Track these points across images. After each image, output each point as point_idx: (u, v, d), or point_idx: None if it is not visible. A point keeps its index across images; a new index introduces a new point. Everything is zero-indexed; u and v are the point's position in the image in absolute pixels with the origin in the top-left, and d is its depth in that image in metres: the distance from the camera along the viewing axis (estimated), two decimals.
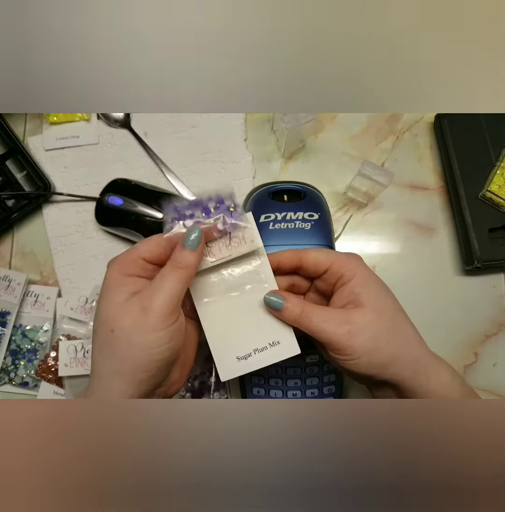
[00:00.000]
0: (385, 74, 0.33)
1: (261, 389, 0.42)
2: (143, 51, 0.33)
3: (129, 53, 0.33)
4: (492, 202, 0.49)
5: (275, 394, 0.42)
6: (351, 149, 0.54)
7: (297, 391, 0.42)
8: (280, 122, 0.47)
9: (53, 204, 0.53)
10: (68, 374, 0.46)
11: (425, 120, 0.55)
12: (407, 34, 0.32)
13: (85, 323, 0.49)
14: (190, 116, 0.54)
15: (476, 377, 0.49)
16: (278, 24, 0.32)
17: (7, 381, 0.49)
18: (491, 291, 0.51)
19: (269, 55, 0.33)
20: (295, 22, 0.32)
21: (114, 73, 0.33)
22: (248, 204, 0.44)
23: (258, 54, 0.33)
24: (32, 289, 0.51)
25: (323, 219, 0.42)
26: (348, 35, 0.32)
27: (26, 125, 0.55)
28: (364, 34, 0.32)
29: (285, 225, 0.41)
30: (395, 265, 0.52)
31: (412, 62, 0.33)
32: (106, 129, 0.55)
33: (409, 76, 0.34)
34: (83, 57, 0.33)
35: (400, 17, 0.32)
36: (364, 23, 0.32)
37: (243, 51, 0.33)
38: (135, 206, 0.48)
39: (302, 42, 0.33)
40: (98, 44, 0.32)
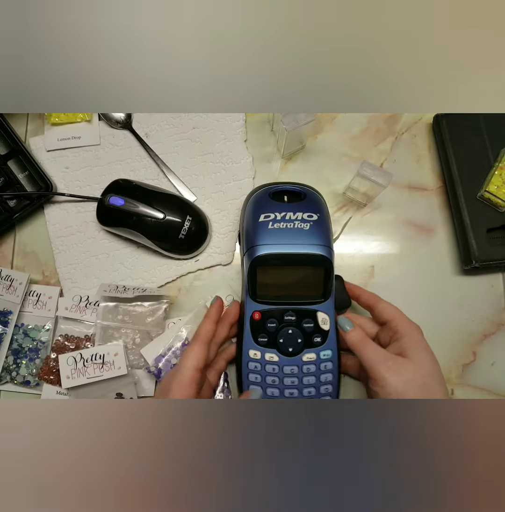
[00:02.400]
0: (385, 74, 0.34)
1: (257, 387, 0.43)
2: (144, 52, 0.33)
3: (130, 54, 0.33)
4: (490, 203, 0.49)
5: (272, 393, 0.43)
6: (350, 150, 0.55)
7: (294, 389, 0.42)
8: (280, 123, 0.47)
9: (55, 205, 0.53)
10: (71, 385, 0.47)
11: (424, 121, 0.55)
12: (406, 34, 0.33)
13: (81, 322, 0.50)
14: (191, 117, 0.55)
15: (474, 376, 0.49)
16: (278, 25, 0.32)
17: (9, 380, 0.49)
18: (489, 291, 0.51)
19: (268, 55, 0.33)
20: (294, 22, 0.32)
21: (115, 73, 0.33)
22: (249, 204, 0.44)
23: (258, 54, 0.33)
24: (33, 289, 0.51)
25: (322, 220, 0.42)
26: (347, 35, 0.33)
27: (28, 126, 0.56)
28: (363, 35, 0.33)
29: (284, 224, 0.41)
30: (393, 265, 0.52)
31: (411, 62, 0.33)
32: (107, 130, 0.55)
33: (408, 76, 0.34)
34: (84, 57, 0.33)
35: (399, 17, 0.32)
36: (363, 24, 0.32)
37: (243, 51, 0.33)
38: (136, 207, 0.49)
39: (302, 42, 0.33)
40: (100, 44, 0.32)
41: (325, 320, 0.42)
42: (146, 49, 0.33)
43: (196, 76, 0.34)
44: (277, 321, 0.42)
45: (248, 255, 0.41)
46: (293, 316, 0.42)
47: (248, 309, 0.42)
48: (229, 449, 0.28)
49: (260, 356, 0.42)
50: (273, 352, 0.42)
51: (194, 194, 0.53)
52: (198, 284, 0.52)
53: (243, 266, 0.42)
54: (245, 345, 0.43)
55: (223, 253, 0.52)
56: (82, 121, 0.55)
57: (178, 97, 0.34)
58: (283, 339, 0.42)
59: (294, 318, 0.42)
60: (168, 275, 0.51)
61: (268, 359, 0.42)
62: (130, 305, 0.49)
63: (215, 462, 0.28)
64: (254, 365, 0.42)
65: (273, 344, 0.42)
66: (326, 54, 0.33)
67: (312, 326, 0.42)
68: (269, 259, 0.40)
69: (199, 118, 0.55)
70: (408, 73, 0.34)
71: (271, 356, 0.42)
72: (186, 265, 0.52)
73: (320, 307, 0.42)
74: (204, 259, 0.52)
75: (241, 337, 0.43)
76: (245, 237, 0.42)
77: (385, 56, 0.33)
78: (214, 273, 0.52)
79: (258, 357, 0.42)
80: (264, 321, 0.42)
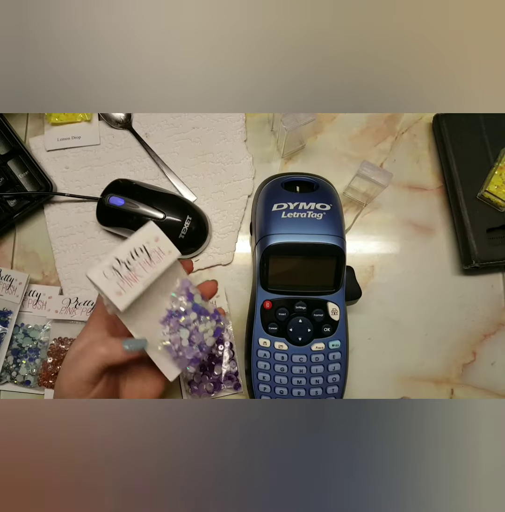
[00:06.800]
0: (384, 74, 0.34)
1: (266, 374, 0.43)
2: (144, 52, 0.33)
3: (130, 54, 0.33)
4: (490, 203, 0.49)
5: (280, 380, 0.43)
6: (350, 149, 0.55)
7: (302, 378, 0.43)
8: (280, 123, 0.47)
9: (55, 204, 0.53)
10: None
11: (424, 121, 0.55)
12: (406, 34, 0.33)
13: (74, 322, 0.50)
14: (191, 117, 0.55)
15: (474, 376, 0.49)
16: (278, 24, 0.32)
17: (9, 380, 0.49)
18: (489, 291, 0.51)
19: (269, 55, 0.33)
20: (294, 22, 0.32)
21: (115, 73, 0.33)
22: (262, 194, 0.45)
23: (258, 54, 0.33)
24: (33, 289, 0.51)
25: (335, 210, 0.42)
26: (347, 35, 0.33)
27: (28, 126, 0.56)
28: (363, 35, 0.33)
29: (297, 214, 0.42)
30: (393, 265, 0.52)
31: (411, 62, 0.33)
32: (107, 130, 0.55)
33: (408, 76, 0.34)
34: (84, 57, 0.33)
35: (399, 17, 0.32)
36: (363, 24, 0.32)
37: (243, 51, 0.33)
38: (136, 207, 0.49)
39: (302, 42, 0.33)
40: (100, 44, 0.32)
41: (335, 310, 0.42)
42: (146, 49, 0.33)
43: (196, 75, 0.34)
44: (287, 310, 0.42)
45: (260, 244, 0.42)
46: (303, 305, 0.42)
47: (259, 298, 0.43)
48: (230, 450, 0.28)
49: (269, 344, 0.43)
50: (282, 340, 0.42)
51: (194, 194, 0.53)
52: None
53: (255, 256, 0.43)
54: (256, 333, 0.43)
55: (223, 253, 0.52)
56: (82, 121, 0.55)
57: (178, 97, 0.34)
58: (292, 328, 0.42)
59: (304, 308, 0.42)
60: None
61: (277, 347, 0.42)
62: None
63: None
64: (263, 353, 0.43)
65: (283, 333, 0.42)
66: (326, 54, 0.33)
67: (322, 316, 0.42)
68: (281, 248, 0.41)
69: (199, 118, 0.55)
70: (408, 73, 0.34)
71: (280, 344, 0.42)
72: None
73: (330, 297, 0.42)
74: (204, 259, 0.52)
75: (251, 325, 0.43)
76: (258, 227, 0.43)
77: (385, 56, 0.33)
78: (214, 273, 0.52)
79: (267, 346, 0.43)
80: (274, 310, 0.42)
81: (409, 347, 0.50)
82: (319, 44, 0.33)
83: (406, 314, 0.51)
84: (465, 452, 0.28)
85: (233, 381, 0.48)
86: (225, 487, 0.28)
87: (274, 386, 0.43)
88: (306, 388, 0.43)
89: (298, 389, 0.43)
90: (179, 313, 0.36)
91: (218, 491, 0.28)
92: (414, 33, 0.33)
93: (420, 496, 0.28)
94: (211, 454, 0.28)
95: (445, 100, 0.34)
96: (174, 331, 0.36)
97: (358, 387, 0.49)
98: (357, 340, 0.50)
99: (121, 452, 0.28)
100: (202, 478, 0.28)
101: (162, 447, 0.28)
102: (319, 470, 0.28)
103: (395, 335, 0.50)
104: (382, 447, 0.29)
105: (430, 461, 0.28)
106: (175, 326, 0.36)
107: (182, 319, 0.36)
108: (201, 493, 0.28)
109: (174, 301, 0.36)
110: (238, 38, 0.33)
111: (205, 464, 0.28)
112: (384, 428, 0.29)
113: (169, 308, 0.36)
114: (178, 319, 0.36)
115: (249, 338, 0.44)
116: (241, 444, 0.28)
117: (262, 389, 0.43)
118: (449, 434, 0.29)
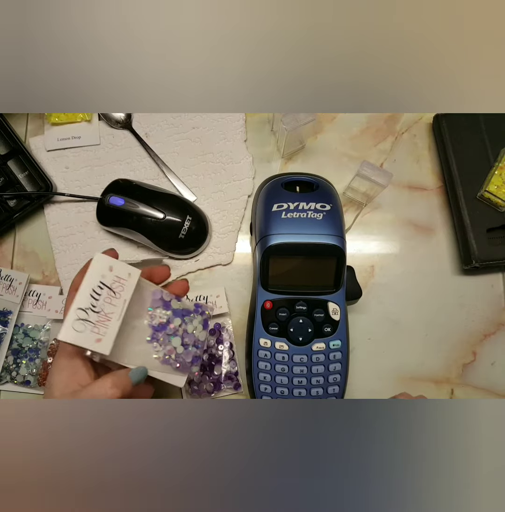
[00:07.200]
0: (384, 74, 0.34)
1: (267, 374, 0.43)
2: (144, 52, 0.33)
3: (130, 54, 0.33)
4: (490, 202, 0.50)
5: (281, 380, 0.43)
6: (350, 149, 0.55)
7: (303, 378, 0.43)
8: (280, 123, 0.47)
9: (55, 204, 0.53)
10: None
11: (424, 121, 0.55)
12: (406, 34, 0.33)
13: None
14: (191, 117, 0.55)
15: (474, 376, 0.49)
16: (278, 24, 0.32)
17: (9, 380, 0.49)
18: (489, 291, 0.51)
19: (268, 55, 0.33)
20: (294, 22, 0.32)
21: (115, 73, 0.33)
22: (262, 194, 0.45)
23: (258, 54, 0.33)
24: (33, 289, 0.51)
25: (335, 210, 0.43)
26: (347, 35, 0.33)
27: (28, 126, 0.56)
28: (363, 35, 0.33)
29: (297, 214, 0.42)
30: (393, 265, 0.52)
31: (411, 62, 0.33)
32: (107, 130, 0.55)
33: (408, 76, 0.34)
34: (84, 57, 0.33)
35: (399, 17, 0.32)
36: (363, 24, 0.32)
37: (243, 51, 0.33)
38: (136, 207, 0.49)
39: (302, 42, 0.33)
40: (99, 44, 0.32)
41: (335, 310, 0.42)
42: (146, 49, 0.33)
43: (196, 75, 0.34)
44: (288, 310, 0.42)
45: (261, 245, 0.42)
46: (304, 306, 0.42)
47: (259, 298, 0.43)
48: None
49: (270, 344, 0.43)
50: (282, 341, 0.42)
51: (194, 194, 0.53)
52: (198, 284, 0.52)
53: (255, 256, 0.43)
54: (256, 333, 0.43)
55: (223, 253, 0.52)
56: (82, 121, 0.55)
57: (178, 97, 0.34)
58: (293, 328, 0.42)
59: (305, 308, 0.42)
60: None
61: (277, 347, 0.43)
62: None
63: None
64: (264, 353, 0.43)
65: (283, 333, 0.42)
66: (326, 54, 0.33)
67: (322, 316, 0.42)
68: (281, 248, 0.41)
69: (199, 118, 0.55)
70: (408, 73, 0.34)
71: (280, 344, 0.42)
72: (186, 265, 0.52)
73: (331, 297, 0.42)
74: (204, 259, 0.52)
75: (252, 325, 0.43)
76: (258, 227, 0.43)
77: (385, 56, 0.33)
78: (214, 273, 0.52)
79: (268, 346, 0.43)
80: (275, 310, 0.42)
81: (409, 347, 0.50)
82: (319, 44, 0.33)
83: (406, 314, 0.51)
84: (465, 452, 0.28)
85: (233, 381, 0.48)
86: (225, 487, 0.28)
87: (274, 386, 0.43)
88: (306, 388, 0.43)
89: (298, 389, 0.43)
90: (163, 325, 0.36)
91: (218, 491, 0.28)
92: (414, 33, 0.33)
93: (420, 496, 0.28)
94: (211, 454, 0.28)
95: (445, 100, 0.34)
96: (165, 343, 0.36)
97: (358, 387, 0.49)
98: (357, 340, 0.50)
99: (122, 452, 0.28)
100: (202, 478, 0.28)
101: (162, 447, 0.28)
102: (319, 470, 0.28)
103: (395, 335, 0.50)
104: (382, 447, 0.29)
105: (430, 461, 0.28)
106: (165, 339, 0.36)
107: (168, 329, 0.36)
108: (201, 493, 0.27)
109: (153, 316, 0.36)
110: (238, 38, 0.33)
111: (205, 464, 0.28)
112: (384, 428, 0.29)
113: (152, 323, 0.36)
114: (165, 331, 0.36)
115: (250, 339, 0.44)
116: (241, 444, 0.28)
117: (262, 389, 0.43)
118: (449, 434, 0.29)
